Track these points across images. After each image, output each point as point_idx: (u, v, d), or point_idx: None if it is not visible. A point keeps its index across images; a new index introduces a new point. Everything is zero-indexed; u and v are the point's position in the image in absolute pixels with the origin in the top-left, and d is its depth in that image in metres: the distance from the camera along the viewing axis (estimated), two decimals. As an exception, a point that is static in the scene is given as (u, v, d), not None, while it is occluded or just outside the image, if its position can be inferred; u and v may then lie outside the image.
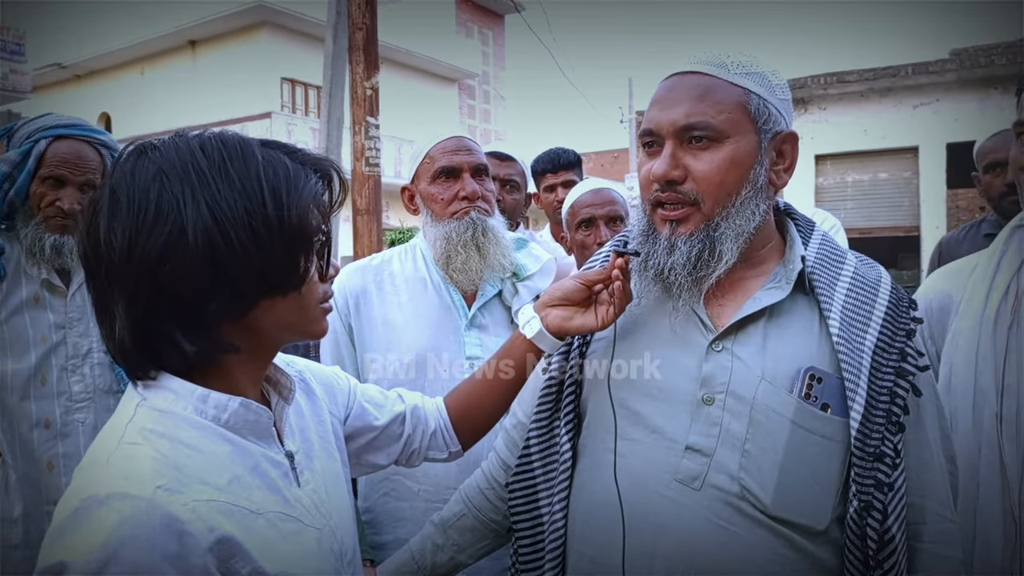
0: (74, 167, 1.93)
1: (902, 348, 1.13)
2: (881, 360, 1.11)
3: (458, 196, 1.86)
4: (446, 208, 1.86)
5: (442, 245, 1.84)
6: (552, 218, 3.37)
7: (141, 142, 0.91)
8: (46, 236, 1.92)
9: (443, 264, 1.86)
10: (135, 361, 0.89)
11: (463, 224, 1.84)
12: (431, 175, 1.88)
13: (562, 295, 1.28)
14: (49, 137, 1.93)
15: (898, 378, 1.11)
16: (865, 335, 1.12)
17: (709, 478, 1.10)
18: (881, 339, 1.12)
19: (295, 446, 1.02)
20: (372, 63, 5.89)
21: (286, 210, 0.90)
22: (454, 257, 1.83)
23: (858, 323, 1.13)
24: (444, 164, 1.87)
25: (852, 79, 11.70)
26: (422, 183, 1.91)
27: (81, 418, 1.97)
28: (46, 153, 1.92)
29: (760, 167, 1.16)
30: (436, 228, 1.86)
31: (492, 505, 1.42)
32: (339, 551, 1.00)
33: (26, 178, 1.90)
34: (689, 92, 1.15)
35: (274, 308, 0.92)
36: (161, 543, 0.77)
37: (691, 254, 1.15)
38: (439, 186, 1.88)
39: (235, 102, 17.22)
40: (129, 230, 0.85)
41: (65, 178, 1.93)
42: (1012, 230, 1.51)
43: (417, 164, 1.93)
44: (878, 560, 1.06)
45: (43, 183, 1.92)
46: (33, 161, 1.90)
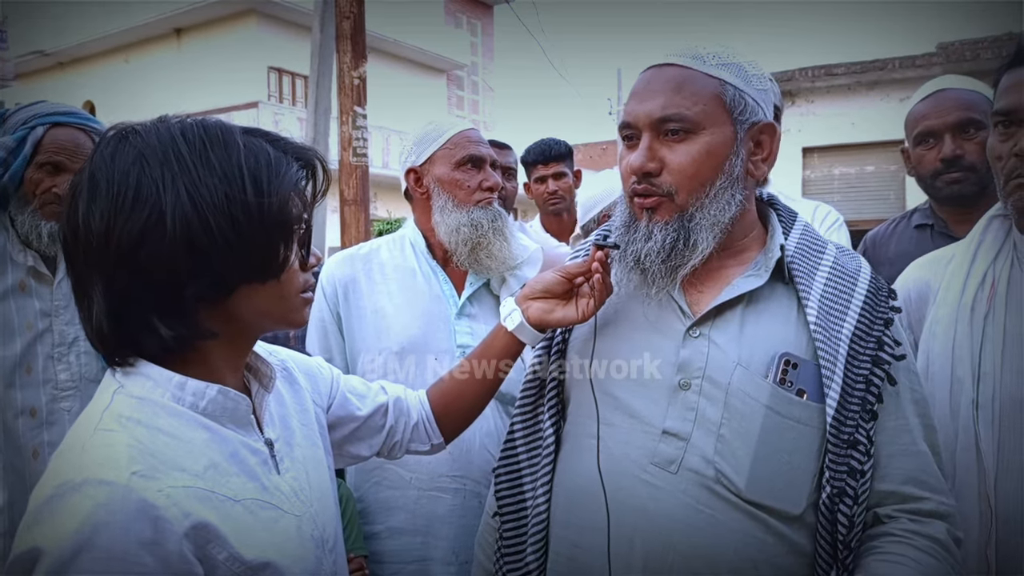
0: (72, 154, 1.92)
1: (879, 337, 1.14)
2: (858, 348, 1.12)
3: (482, 186, 1.87)
4: (471, 196, 1.86)
5: (468, 231, 1.83)
6: (543, 209, 3.38)
7: (122, 126, 0.91)
8: (43, 223, 1.91)
9: (468, 250, 1.84)
10: (112, 345, 0.89)
11: (490, 213, 1.85)
12: (456, 161, 1.87)
13: (543, 288, 1.29)
14: (46, 124, 1.92)
15: (874, 366, 1.12)
16: (843, 323, 1.13)
17: (685, 462, 1.11)
18: (859, 327, 1.13)
19: (275, 434, 1.02)
20: (360, 52, 5.86)
21: (266, 197, 0.90)
22: (485, 243, 1.83)
23: (836, 311, 1.14)
24: (472, 153, 1.88)
25: (840, 72, 11.74)
26: (439, 168, 1.89)
27: (67, 406, 1.96)
28: (43, 139, 1.90)
29: (736, 158, 1.16)
30: (458, 214, 1.85)
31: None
32: (320, 538, 1.01)
33: (21, 164, 1.89)
34: (665, 85, 1.16)
35: (253, 295, 0.93)
36: (136, 529, 0.77)
37: (665, 241, 1.16)
38: (464, 173, 1.87)
39: (221, 91, 17.05)
40: (107, 213, 0.85)
41: (63, 165, 1.92)
42: (989, 219, 1.52)
43: (434, 147, 1.90)
44: (846, 542, 1.08)
45: (40, 169, 1.91)
46: (30, 147, 1.89)
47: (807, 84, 12.22)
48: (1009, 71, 1.42)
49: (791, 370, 1.12)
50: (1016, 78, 1.39)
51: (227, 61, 17.96)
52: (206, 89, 17.60)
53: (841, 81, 12.12)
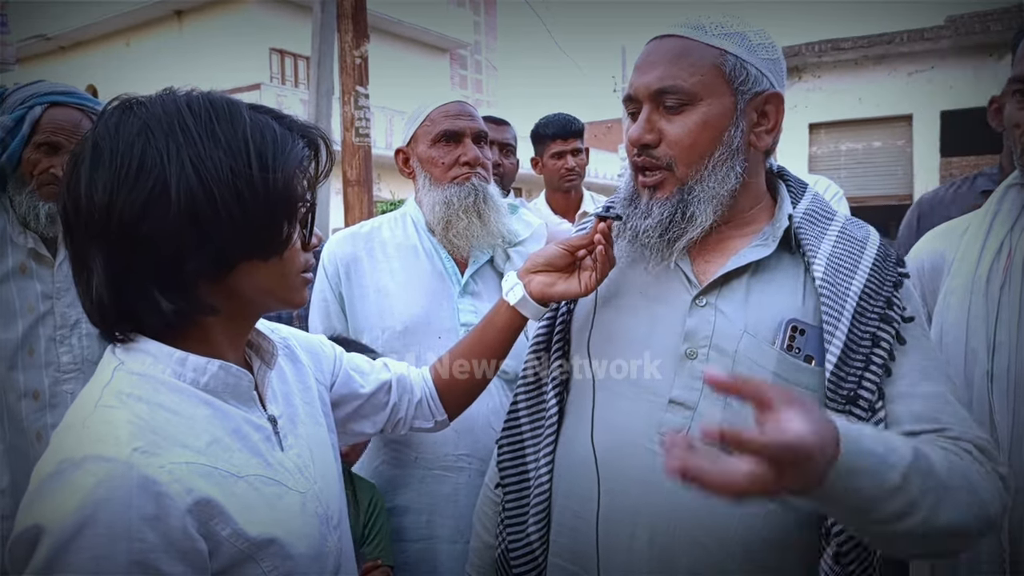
0: (70, 134, 1.90)
1: (888, 297, 1.12)
2: (866, 305, 1.10)
3: (459, 161, 1.83)
4: (446, 172, 1.83)
5: (441, 210, 1.81)
6: (554, 184, 3.36)
7: (126, 97, 0.90)
8: (40, 204, 1.90)
9: (441, 229, 1.82)
10: (112, 319, 0.88)
11: (464, 189, 1.81)
12: (431, 138, 1.84)
13: (545, 261, 1.28)
14: (44, 103, 1.90)
15: (882, 323, 1.10)
16: (851, 282, 1.11)
17: (693, 431, 1.10)
18: (868, 286, 1.11)
19: (278, 411, 1.02)
20: (361, 31, 5.82)
21: (271, 172, 0.89)
22: (455, 222, 1.80)
23: (844, 270, 1.13)
24: (446, 128, 1.83)
25: (847, 46, 11.62)
26: (420, 146, 1.87)
27: (69, 389, 1.96)
28: (41, 119, 1.88)
29: (735, 129, 1.15)
30: (435, 192, 1.83)
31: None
32: (324, 515, 1.00)
33: (19, 144, 1.88)
34: (664, 56, 1.15)
35: (254, 272, 0.91)
36: (138, 505, 0.77)
37: (663, 217, 1.16)
38: (439, 150, 1.84)
39: (223, 73, 16.97)
40: (111, 184, 0.83)
41: (61, 145, 1.90)
42: (1006, 189, 1.50)
43: (415, 126, 1.88)
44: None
45: (38, 149, 1.89)
46: (28, 127, 1.87)
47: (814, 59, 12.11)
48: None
49: (798, 336, 1.11)
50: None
51: (229, 43, 17.90)
52: (208, 71, 17.52)
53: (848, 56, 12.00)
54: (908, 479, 0.90)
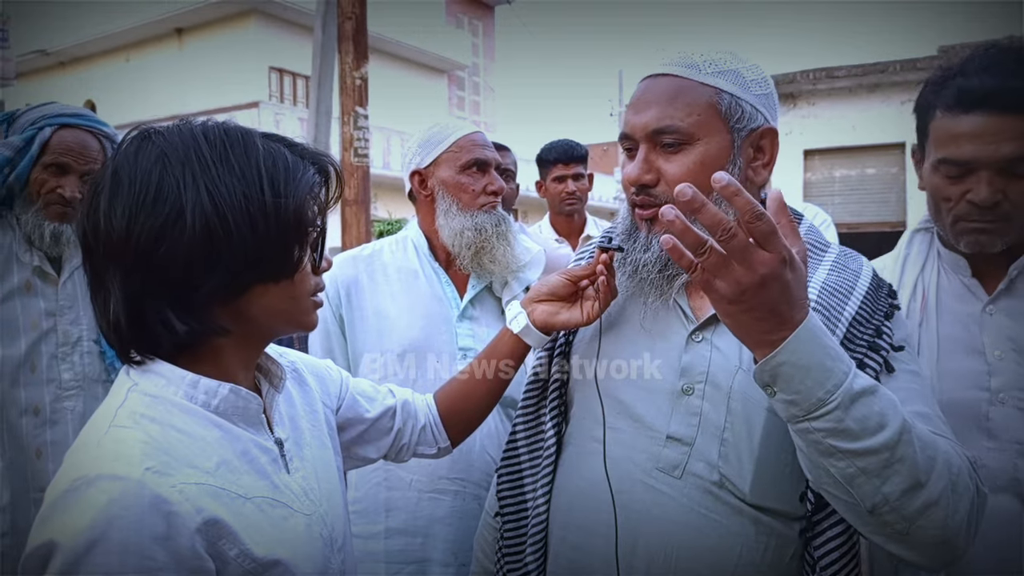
0: (78, 156, 1.94)
1: (878, 326, 1.13)
2: (856, 332, 1.11)
3: (486, 190, 1.88)
4: (475, 200, 1.87)
5: (472, 235, 1.83)
6: (556, 207, 3.40)
7: (144, 127, 0.94)
8: (46, 223, 1.94)
9: (472, 254, 1.85)
10: (128, 340, 0.91)
11: (494, 217, 1.86)
12: (461, 164, 1.88)
13: (548, 291, 1.30)
14: (54, 125, 1.94)
15: (869, 351, 1.10)
16: (844, 307, 1.12)
17: (690, 467, 1.12)
18: (860, 314, 1.12)
19: (285, 434, 1.04)
20: (361, 53, 5.87)
21: (283, 198, 0.92)
22: (489, 247, 1.84)
23: (838, 296, 1.14)
24: (478, 157, 1.88)
25: (841, 75, 11.74)
26: (445, 171, 1.89)
27: (70, 406, 1.97)
28: (51, 140, 1.93)
29: (733, 166, 1.15)
30: (462, 218, 1.86)
31: None
32: (329, 537, 1.02)
33: (28, 164, 1.91)
34: (659, 96, 1.16)
35: (266, 295, 0.94)
36: (149, 523, 0.78)
37: (663, 253, 1.15)
38: (470, 177, 1.88)
39: (222, 91, 17.06)
40: (129, 210, 0.87)
41: (68, 166, 1.94)
42: (912, 233, 1.56)
43: (439, 150, 1.90)
44: (811, 523, 1.08)
45: (45, 170, 1.93)
46: (37, 147, 1.91)
47: (808, 86, 12.23)
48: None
49: None
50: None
51: (228, 61, 17.98)
52: (207, 89, 17.63)
53: (842, 83, 12.13)
54: (878, 393, 0.92)
